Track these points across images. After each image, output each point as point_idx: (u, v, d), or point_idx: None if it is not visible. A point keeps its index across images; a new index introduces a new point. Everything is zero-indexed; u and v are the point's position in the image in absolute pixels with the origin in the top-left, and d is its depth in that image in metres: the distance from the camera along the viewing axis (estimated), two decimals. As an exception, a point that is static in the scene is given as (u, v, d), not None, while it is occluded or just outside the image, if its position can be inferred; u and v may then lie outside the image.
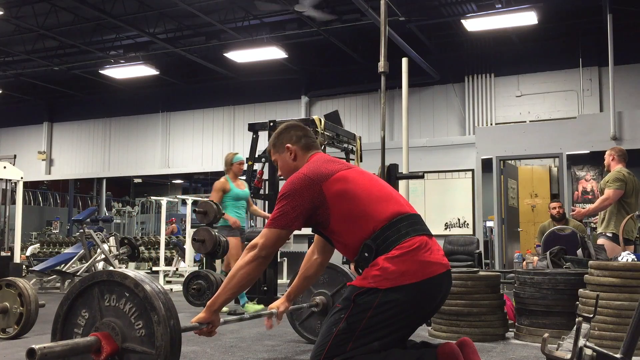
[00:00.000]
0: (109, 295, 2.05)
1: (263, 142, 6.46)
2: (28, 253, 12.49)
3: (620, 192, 5.26)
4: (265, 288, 6.30)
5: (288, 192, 2.21)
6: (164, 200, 10.41)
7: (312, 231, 2.36)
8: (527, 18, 10.00)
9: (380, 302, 2.08)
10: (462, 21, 10.41)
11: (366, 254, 2.15)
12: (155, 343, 1.93)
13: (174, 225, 15.81)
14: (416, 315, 2.17)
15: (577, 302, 2.58)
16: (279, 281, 7.20)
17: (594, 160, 10.00)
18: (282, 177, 2.38)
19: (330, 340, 2.10)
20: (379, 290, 2.08)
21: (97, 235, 9.18)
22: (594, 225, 5.63)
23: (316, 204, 2.20)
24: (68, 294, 2.12)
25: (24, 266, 9.81)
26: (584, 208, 6.04)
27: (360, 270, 2.20)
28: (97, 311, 2.05)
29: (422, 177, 4.95)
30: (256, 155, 6.79)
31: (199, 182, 23.96)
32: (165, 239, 10.87)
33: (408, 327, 2.18)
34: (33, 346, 1.78)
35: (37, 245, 14.05)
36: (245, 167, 6.31)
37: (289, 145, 2.43)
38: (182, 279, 7.51)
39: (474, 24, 10.51)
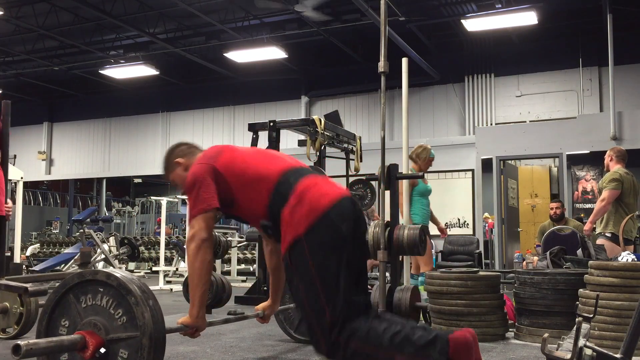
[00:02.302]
0: (84, 297, 2.06)
1: (263, 142, 6.45)
2: (28, 253, 12.49)
3: (616, 192, 5.24)
4: (265, 288, 6.30)
5: (190, 182, 2.33)
6: (164, 200, 10.40)
7: (226, 217, 2.47)
8: (527, 18, 10.00)
9: (309, 246, 2.13)
10: (462, 21, 10.41)
11: (273, 216, 2.25)
12: (137, 324, 1.96)
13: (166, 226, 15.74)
14: (345, 243, 2.18)
15: (577, 302, 2.58)
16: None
17: (594, 160, 10.00)
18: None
19: (306, 306, 2.12)
20: (300, 237, 2.14)
21: (97, 235, 9.19)
22: (594, 226, 5.62)
23: (216, 180, 2.32)
24: (44, 308, 2.12)
25: (24, 266, 9.81)
26: (586, 220, 6.00)
27: (277, 235, 2.28)
28: (77, 316, 2.06)
29: (422, 177, 4.94)
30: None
31: (199, 182, 23.91)
32: (165, 238, 10.87)
33: (352, 260, 2.19)
34: (18, 342, 1.79)
35: (37, 245, 14.05)
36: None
37: (177, 160, 2.57)
38: (182, 279, 7.52)
39: (474, 24, 10.51)
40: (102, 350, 1.98)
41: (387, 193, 4.50)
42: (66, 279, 2.13)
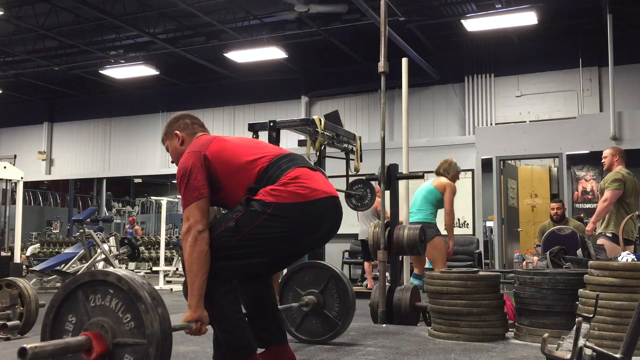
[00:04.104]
0: (93, 296, 2.04)
1: (263, 142, 6.44)
2: (28, 253, 12.51)
3: (619, 192, 5.26)
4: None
5: (183, 170, 2.38)
6: (164, 200, 10.41)
7: (212, 205, 2.50)
8: (527, 18, 10.00)
9: (271, 212, 2.27)
10: (462, 21, 10.41)
11: (253, 192, 2.34)
12: (145, 332, 1.93)
13: (137, 227, 15.74)
14: (300, 236, 2.37)
15: (577, 302, 2.58)
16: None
17: (594, 160, 9.99)
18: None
19: (218, 232, 2.30)
20: (269, 203, 2.28)
21: (97, 235, 9.19)
22: (595, 226, 5.62)
23: (207, 167, 2.37)
24: (52, 302, 2.11)
25: (24, 266, 9.82)
26: (587, 220, 6.00)
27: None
28: (84, 314, 2.04)
29: (422, 177, 4.94)
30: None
31: (199, 182, 23.92)
32: (165, 239, 10.87)
33: (290, 248, 2.41)
34: (24, 345, 1.79)
35: (37, 245, 14.07)
36: None
37: (177, 132, 2.63)
38: (182, 279, 7.52)
39: (474, 24, 10.51)
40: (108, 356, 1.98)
41: (387, 193, 4.51)
42: (77, 275, 2.13)
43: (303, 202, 2.30)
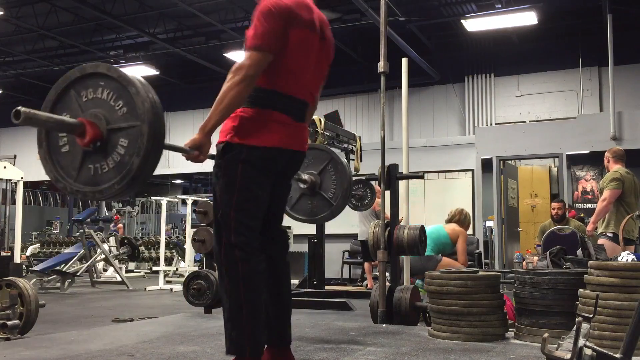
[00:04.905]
0: (84, 91, 2.08)
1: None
2: (28, 253, 12.50)
3: (617, 191, 5.25)
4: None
5: (273, 9, 2.21)
6: (164, 200, 10.41)
7: None
8: (527, 18, 10.00)
9: (246, 156, 2.26)
10: (462, 21, 10.41)
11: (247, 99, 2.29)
12: (137, 112, 1.96)
13: (119, 225, 15.70)
14: (272, 173, 2.35)
15: (577, 302, 2.58)
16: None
17: (594, 160, 10.00)
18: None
19: (218, 197, 2.29)
20: (244, 146, 2.26)
21: (97, 235, 9.19)
22: (596, 226, 5.62)
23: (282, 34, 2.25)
24: (45, 104, 2.15)
25: (24, 266, 9.82)
26: (588, 220, 6.01)
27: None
28: (78, 109, 2.08)
29: (422, 177, 4.94)
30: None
31: (199, 182, 23.95)
32: (165, 239, 10.87)
33: (269, 181, 2.36)
34: (19, 108, 1.85)
35: (37, 245, 14.06)
36: None
37: None
38: (182, 279, 7.51)
39: (474, 24, 10.51)
40: (98, 142, 2.01)
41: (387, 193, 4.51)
42: (67, 74, 2.15)
43: (266, 147, 2.28)
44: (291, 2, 2.28)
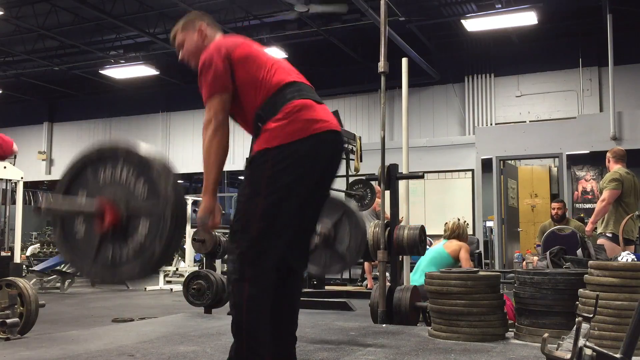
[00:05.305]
0: (102, 170, 2.03)
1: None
2: (28, 253, 12.48)
3: (616, 191, 5.24)
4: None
5: (207, 61, 2.30)
6: (164, 200, 10.39)
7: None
8: (527, 18, 10.00)
9: (273, 157, 2.18)
10: (462, 21, 10.41)
11: (259, 124, 2.26)
12: (159, 195, 1.91)
13: None
14: (310, 173, 2.25)
15: (577, 302, 2.58)
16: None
17: (594, 160, 10.00)
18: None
19: (241, 206, 2.21)
20: (269, 149, 2.19)
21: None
22: (595, 226, 5.62)
23: (229, 68, 2.30)
24: (61, 180, 2.09)
25: (24, 266, 9.81)
26: (587, 220, 6.01)
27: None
28: (95, 189, 2.01)
29: (422, 177, 4.95)
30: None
31: (199, 182, 23.92)
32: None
33: (304, 186, 2.24)
34: (39, 204, 1.90)
35: (37, 245, 14.03)
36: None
37: (202, 26, 2.51)
38: (182, 279, 7.52)
39: (474, 24, 10.51)
40: (118, 226, 1.93)
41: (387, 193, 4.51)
42: (84, 154, 2.10)
43: (306, 137, 2.22)
44: (218, 43, 2.37)
